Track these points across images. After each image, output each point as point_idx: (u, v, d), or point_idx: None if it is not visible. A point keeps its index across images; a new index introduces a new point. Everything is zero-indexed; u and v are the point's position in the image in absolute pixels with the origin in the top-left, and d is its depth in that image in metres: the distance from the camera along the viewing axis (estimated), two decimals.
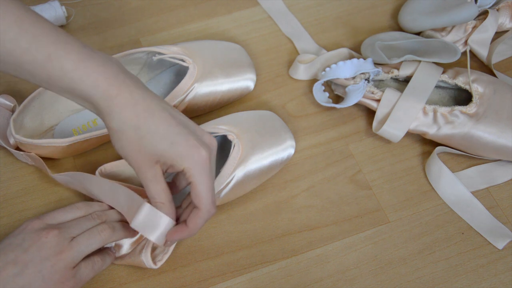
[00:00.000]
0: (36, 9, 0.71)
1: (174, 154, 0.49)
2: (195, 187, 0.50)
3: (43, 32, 0.47)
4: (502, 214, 0.65)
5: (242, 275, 0.60)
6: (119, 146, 0.50)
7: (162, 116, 0.49)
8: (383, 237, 0.63)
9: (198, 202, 0.50)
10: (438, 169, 0.66)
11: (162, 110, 0.49)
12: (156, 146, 0.49)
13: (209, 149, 0.50)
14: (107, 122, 0.49)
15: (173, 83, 0.69)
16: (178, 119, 0.50)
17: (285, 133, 0.64)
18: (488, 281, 0.61)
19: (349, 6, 0.79)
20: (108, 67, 0.48)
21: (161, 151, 0.49)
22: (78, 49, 0.48)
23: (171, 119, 0.49)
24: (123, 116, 0.48)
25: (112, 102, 0.48)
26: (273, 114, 0.66)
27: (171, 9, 0.77)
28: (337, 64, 0.67)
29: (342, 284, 0.60)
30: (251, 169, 0.60)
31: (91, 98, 0.48)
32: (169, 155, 0.49)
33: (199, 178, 0.50)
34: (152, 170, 0.50)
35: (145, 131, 0.48)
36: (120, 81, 0.48)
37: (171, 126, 0.49)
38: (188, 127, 0.50)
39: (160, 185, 0.50)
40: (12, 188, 0.62)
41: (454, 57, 0.66)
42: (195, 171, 0.49)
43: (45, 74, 0.48)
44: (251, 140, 0.61)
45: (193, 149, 0.49)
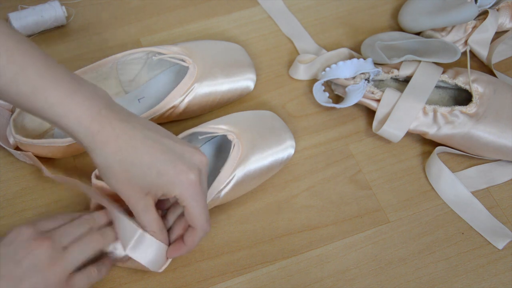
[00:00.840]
0: (36, 9, 0.71)
1: (162, 184, 0.49)
2: (188, 210, 0.50)
3: (32, 64, 0.47)
4: (502, 214, 0.65)
5: (242, 275, 0.60)
6: (108, 180, 0.50)
7: (145, 146, 0.49)
8: (383, 237, 0.63)
9: (193, 223, 0.51)
10: (438, 169, 0.66)
11: (144, 139, 0.49)
12: (143, 178, 0.49)
13: (198, 170, 0.50)
14: (92, 158, 0.49)
15: (173, 83, 0.69)
16: (163, 145, 0.50)
17: (285, 133, 0.64)
18: (488, 281, 0.61)
19: (349, 6, 0.79)
20: (93, 102, 0.48)
21: (149, 182, 0.49)
22: (64, 83, 0.48)
23: (155, 147, 0.49)
24: (106, 152, 0.48)
25: (95, 138, 0.48)
26: (273, 114, 0.66)
27: (171, 9, 0.77)
28: (337, 64, 0.67)
29: (342, 284, 0.60)
30: (251, 169, 0.60)
31: (75, 134, 0.48)
32: (158, 185, 0.49)
33: (192, 203, 0.50)
34: (142, 201, 0.50)
35: (130, 164, 0.48)
36: (103, 116, 0.48)
37: (155, 155, 0.49)
38: (174, 151, 0.50)
39: (151, 215, 0.51)
40: (12, 188, 0.62)
41: (454, 57, 0.66)
42: (187, 196, 0.50)
43: (29, 105, 0.48)
44: (251, 140, 0.61)
45: (181, 175, 0.49)
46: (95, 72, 0.65)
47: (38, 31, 0.72)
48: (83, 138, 0.48)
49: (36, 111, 0.48)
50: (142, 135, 0.49)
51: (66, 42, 0.73)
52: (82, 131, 0.48)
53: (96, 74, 0.65)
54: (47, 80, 0.47)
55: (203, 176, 0.51)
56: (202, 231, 0.52)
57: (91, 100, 0.48)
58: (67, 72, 0.49)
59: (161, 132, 0.51)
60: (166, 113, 0.64)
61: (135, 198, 0.50)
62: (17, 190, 0.62)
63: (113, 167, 0.49)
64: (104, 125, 0.48)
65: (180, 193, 0.49)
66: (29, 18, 0.71)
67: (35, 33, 0.72)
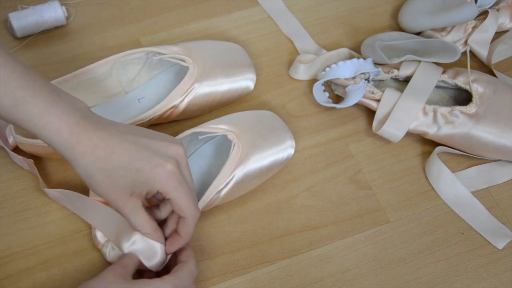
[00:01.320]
0: (36, 9, 0.71)
1: (143, 181, 0.49)
2: (174, 202, 0.51)
3: (13, 77, 0.48)
4: (502, 214, 0.65)
5: (242, 275, 0.59)
6: (92, 188, 0.51)
7: (121, 149, 0.49)
8: (383, 237, 0.63)
9: (182, 213, 0.52)
10: (438, 169, 0.66)
11: (121, 143, 0.50)
12: (124, 179, 0.49)
13: (175, 160, 0.50)
14: (74, 169, 0.50)
15: (173, 83, 0.69)
16: (138, 144, 0.50)
17: (285, 133, 0.64)
18: (488, 281, 0.61)
19: (349, 6, 0.79)
20: (71, 114, 0.49)
21: (130, 183, 0.49)
22: (45, 95, 0.48)
23: (131, 148, 0.50)
24: (85, 162, 0.49)
25: (74, 150, 0.49)
26: (273, 114, 0.66)
27: (171, 9, 0.77)
28: (337, 64, 0.67)
29: (342, 284, 0.60)
30: (251, 169, 0.60)
31: (55, 146, 0.49)
32: (139, 183, 0.50)
33: (175, 194, 0.50)
34: (129, 204, 0.50)
35: (110, 169, 0.49)
36: (81, 128, 0.49)
37: (132, 155, 0.49)
38: (149, 148, 0.50)
39: (141, 217, 0.51)
40: (12, 188, 0.62)
41: (454, 57, 0.66)
42: (169, 188, 0.50)
43: (12, 117, 0.49)
44: (251, 140, 0.61)
45: (158, 168, 0.49)
46: (95, 72, 0.65)
47: (38, 31, 0.72)
48: (63, 151, 0.49)
49: (19, 123, 0.49)
50: (120, 140, 0.50)
51: (66, 42, 0.73)
52: (62, 143, 0.49)
53: (96, 74, 0.65)
54: (27, 93, 0.48)
55: (183, 165, 0.51)
56: (193, 219, 0.52)
57: (69, 113, 0.49)
58: (46, 84, 0.49)
59: (139, 133, 0.52)
60: (166, 113, 0.64)
61: (121, 201, 0.50)
62: (17, 190, 0.62)
63: (95, 176, 0.49)
64: (82, 137, 0.49)
65: (161, 186, 0.50)
66: (29, 18, 0.71)
67: (35, 33, 0.72)
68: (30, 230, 0.60)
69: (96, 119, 0.51)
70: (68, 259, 0.59)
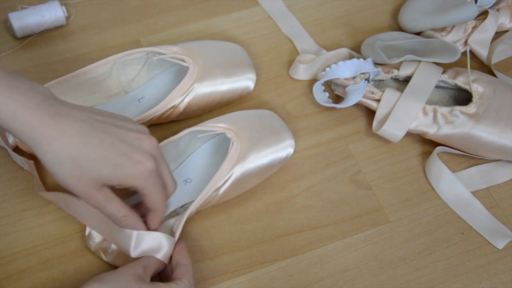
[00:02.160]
0: (36, 9, 0.71)
1: (121, 176, 0.49)
2: (150, 197, 0.51)
3: None
4: (502, 214, 0.65)
5: (242, 275, 0.59)
6: (59, 178, 0.48)
7: (96, 139, 0.48)
8: (383, 237, 0.63)
9: (155, 207, 0.52)
10: (438, 169, 0.66)
11: (94, 132, 0.48)
12: (99, 171, 0.48)
13: (153, 156, 0.50)
14: (38, 155, 0.47)
15: (173, 83, 0.69)
16: (114, 136, 0.49)
17: (285, 132, 0.64)
18: (488, 281, 0.61)
19: (349, 6, 0.79)
20: (30, 96, 0.46)
21: (106, 175, 0.48)
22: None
23: (107, 140, 0.48)
24: (54, 148, 0.47)
25: (36, 134, 0.46)
26: (272, 113, 0.66)
27: (171, 9, 0.77)
28: (337, 64, 0.67)
29: (342, 284, 0.60)
30: (249, 167, 0.60)
31: (12, 130, 0.47)
32: (115, 177, 0.49)
33: (152, 190, 0.50)
34: (101, 193, 0.49)
35: (84, 159, 0.47)
36: (42, 111, 0.46)
37: (109, 148, 0.48)
38: (125, 141, 0.49)
39: (115, 202, 0.51)
40: (12, 188, 0.62)
41: (454, 57, 0.66)
42: (147, 185, 0.50)
43: None
44: (250, 138, 0.61)
45: (139, 166, 0.49)
46: (95, 72, 0.65)
47: (38, 31, 0.72)
48: (21, 134, 0.47)
49: None
50: (92, 129, 0.48)
51: (66, 42, 0.73)
52: (21, 127, 0.46)
53: (96, 74, 0.65)
54: None
55: (159, 159, 0.51)
56: (162, 212, 0.53)
57: (27, 94, 0.46)
58: (2, 70, 0.47)
59: (109, 120, 0.50)
60: (166, 113, 0.64)
61: (92, 192, 0.49)
62: (17, 190, 0.62)
63: (65, 164, 0.47)
64: (45, 121, 0.46)
65: (140, 183, 0.50)
66: (29, 18, 0.71)
67: (35, 33, 0.72)
68: (30, 230, 0.60)
69: (59, 102, 0.48)
70: (68, 259, 0.59)
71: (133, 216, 0.52)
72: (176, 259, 0.55)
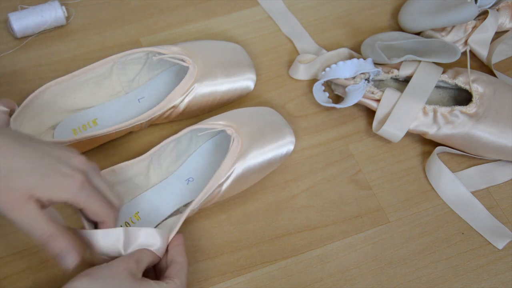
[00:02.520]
0: (36, 9, 0.71)
1: (49, 185, 0.47)
2: (88, 209, 0.49)
3: None
4: (502, 214, 0.65)
5: (242, 275, 0.60)
6: None
7: (22, 152, 0.47)
8: (383, 237, 0.63)
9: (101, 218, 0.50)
10: (438, 169, 0.66)
11: (21, 147, 0.47)
12: (25, 180, 0.46)
13: (83, 171, 0.49)
14: None
15: (173, 83, 0.69)
16: (40, 151, 0.48)
17: (285, 129, 0.64)
18: (488, 281, 0.61)
19: (349, 6, 0.79)
20: None
21: (32, 184, 0.46)
22: None
23: (34, 153, 0.47)
24: None
25: None
26: (272, 110, 0.66)
27: (171, 9, 0.77)
28: (337, 64, 0.67)
29: (342, 284, 0.60)
30: (251, 163, 0.60)
31: None
32: (42, 187, 0.46)
33: (88, 201, 0.49)
34: (27, 208, 0.46)
35: (8, 169, 0.46)
36: None
37: (36, 160, 0.47)
38: (52, 156, 0.48)
39: (42, 218, 0.47)
40: None
41: (454, 57, 0.66)
42: (80, 198, 0.48)
43: None
44: (251, 134, 0.61)
45: (68, 179, 0.47)
46: (95, 72, 0.65)
47: (38, 31, 0.72)
48: None
49: None
50: (19, 143, 0.47)
51: (66, 42, 0.73)
52: None
53: (96, 74, 0.65)
54: None
55: (92, 174, 0.50)
56: (112, 220, 0.51)
57: None
58: None
59: (37, 139, 0.50)
60: (166, 113, 0.64)
61: (17, 205, 0.46)
62: None
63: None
64: None
65: (71, 197, 0.48)
66: (29, 18, 0.71)
67: (35, 33, 0.72)
68: None
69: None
70: None
71: (59, 239, 0.47)
72: (172, 255, 0.54)
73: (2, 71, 0.70)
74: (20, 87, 0.69)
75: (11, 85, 0.69)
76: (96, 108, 0.67)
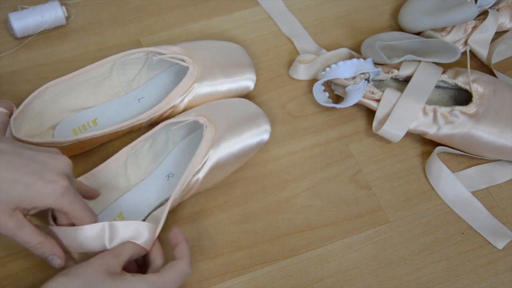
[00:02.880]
0: (36, 9, 0.71)
1: (33, 195, 0.47)
2: (72, 214, 0.50)
3: None
4: (502, 214, 0.65)
5: (242, 275, 0.59)
6: None
7: (2, 162, 0.47)
8: (383, 237, 0.63)
9: (83, 222, 0.51)
10: (438, 169, 0.66)
11: (2, 155, 0.47)
12: (8, 193, 0.46)
13: (67, 176, 0.49)
14: None
15: (173, 83, 0.69)
16: (22, 157, 0.48)
17: (261, 117, 0.65)
18: (488, 281, 0.61)
19: (349, 6, 0.79)
20: None
21: (16, 196, 0.47)
22: None
23: (15, 161, 0.47)
24: None
25: None
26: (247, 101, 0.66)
27: (171, 9, 0.77)
28: (337, 64, 0.67)
29: (342, 284, 0.60)
30: (226, 150, 0.60)
31: None
32: (27, 197, 0.47)
33: (71, 206, 0.49)
34: (12, 219, 0.47)
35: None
36: None
37: (17, 169, 0.47)
38: (36, 161, 0.48)
39: (28, 228, 0.48)
40: None
41: (454, 57, 0.66)
42: (64, 203, 0.49)
43: None
44: (225, 122, 0.61)
45: (51, 185, 0.47)
46: (95, 72, 0.65)
47: (38, 31, 0.72)
48: None
49: None
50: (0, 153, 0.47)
51: (66, 42, 0.73)
52: None
53: (96, 74, 0.65)
54: None
55: (72, 178, 0.51)
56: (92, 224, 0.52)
57: None
58: None
59: (17, 144, 0.49)
60: (166, 113, 0.64)
61: (3, 217, 0.47)
62: None
63: None
64: None
65: (55, 202, 0.48)
66: (29, 18, 0.71)
67: (35, 33, 0.72)
68: None
69: None
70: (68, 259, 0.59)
71: (49, 242, 0.50)
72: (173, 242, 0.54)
73: (2, 71, 0.70)
74: (20, 87, 0.69)
75: (11, 85, 0.69)
76: (96, 108, 0.67)
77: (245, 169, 0.65)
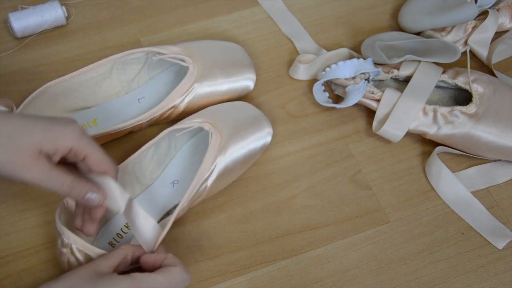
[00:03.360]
0: (36, 9, 0.71)
1: (53, 136, 0.47)
2: (92, 157, 0.49)
3: None
4: (502, 214, 0.65)
5: (242, 275, 0.60)
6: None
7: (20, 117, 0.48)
8: (383, 237, 0.63)
9: (104, 167, 0.50)
10: (438, 169, 0.66)
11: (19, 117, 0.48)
12: (30, 137, 0.46)
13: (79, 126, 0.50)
14: None
15: (173, 83, 0.69)
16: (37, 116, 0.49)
17: (262, 119, 0.64)
18: (488, 281, 0.61)
19: (349, 6, 0.79)
20: None
21: (38, 138, 0.47)
22: None
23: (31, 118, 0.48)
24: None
25: None
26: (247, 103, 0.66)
27: (171, 9, 0.77)
28: (337, 64, 0.67)
29: (342, 284, 0.60)
30: (232, 156, 0.60)
31: None
32: (47, 138, 0.47)
33: (91, 149, 0.49)
34: (40, 162, 0.47)
35: (11, 130, 0.46)
36: None
37: (34, 118, 0.48)
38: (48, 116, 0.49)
39: (57, 169, 0.48)
40: (12, 188, 0.62)
41: (454, 57, 0.66)
42: (83, 144, 0.49)
43: None
44: (229, 128, 0.61)
45: (71, 126, 0.48)
46: (95, 72, 0.65)
47: (38, 31, 0.72)
48: None
49: None
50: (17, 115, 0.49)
51: (66, 42, 0.73)
52: None
53: (96, 74, 0.65)
54: None
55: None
56: (115, 171, 0.51)
57: None
58: None
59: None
60: (166, 113, 0.64)
61: (30, 162, 0.46)
62: (17, 190, 0.62)
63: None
64: None
65: (75, 142, 0.48)
66: (29, 18, 0.71)
67: (35, 33, 0.72)
68: (30, 230, 0.60)
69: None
70: None
71: (81, 182, 0.49)
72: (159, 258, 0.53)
73: (2, 71, 0.70)
74: (20, 87, 0.69)
75: (11, 85, 0.69)
76: (96, 108, 0.67)
77: None
